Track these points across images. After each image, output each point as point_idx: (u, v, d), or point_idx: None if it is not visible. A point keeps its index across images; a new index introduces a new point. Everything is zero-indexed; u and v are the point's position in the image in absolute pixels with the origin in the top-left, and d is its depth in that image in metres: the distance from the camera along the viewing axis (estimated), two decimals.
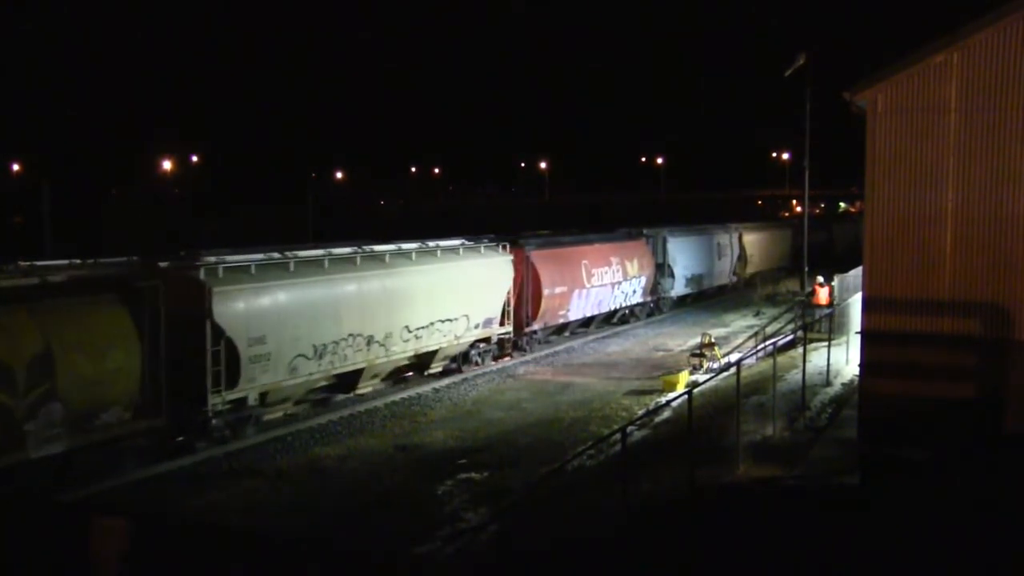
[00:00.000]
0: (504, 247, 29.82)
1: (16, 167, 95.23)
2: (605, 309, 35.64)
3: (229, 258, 20.50)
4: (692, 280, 43.71)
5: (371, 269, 23.87)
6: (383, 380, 25.39)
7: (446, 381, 26.61)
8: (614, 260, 35.38)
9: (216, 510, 16.05)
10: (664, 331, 36.99)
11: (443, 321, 26.08)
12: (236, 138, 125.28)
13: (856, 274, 27.93)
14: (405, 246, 26.11)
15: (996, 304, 13.15)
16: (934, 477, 13.00)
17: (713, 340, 28.98)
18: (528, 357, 30.31)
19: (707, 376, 24.96)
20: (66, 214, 63.94)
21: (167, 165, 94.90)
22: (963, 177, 13.21)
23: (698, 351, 28.22)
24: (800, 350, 22.20)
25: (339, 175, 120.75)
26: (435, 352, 26.15)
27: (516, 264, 29.56)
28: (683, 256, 42.49)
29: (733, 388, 17.24)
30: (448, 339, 26.53)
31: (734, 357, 26.97)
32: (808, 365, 20.58)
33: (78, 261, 18.81)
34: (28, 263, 18.57)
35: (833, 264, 44.08)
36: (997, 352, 13.14)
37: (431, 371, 26.44)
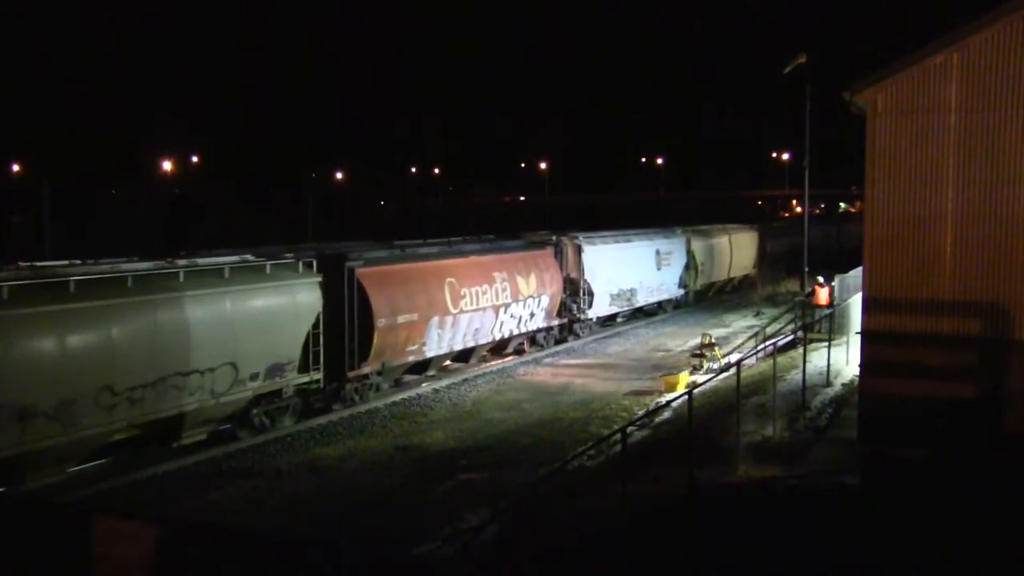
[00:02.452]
0: (309, 265, 22.22)
1: (16, 167, 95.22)
2: (485, 339, 28.28)
3: None
4: (620, 297, 36.78)
5: (44, 304, 16.29)
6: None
7: (446, 381, 26.61)
8: (499, 276, 28.33)
9: (216, 510, 16.05)
10: (664, 331, 36.99)
11: (185, 374, 18.44)
12: (236, 138, 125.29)
13: (856, 274, 27.94)
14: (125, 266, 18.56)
15: (996, 304, 13.15)
16: (934, 477, 13.00)
17: (713, 340, 28.99)
18: (346, 412, 22.88)
19: (707, 376, 24.94)
20: (66, 214, 63.97)
21: (167, 165, 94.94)
22: (963, 177, 13.21)
23: (698, 351, 28.22)
24: (800, 350, 22.21)
25: (339, 175, 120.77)
26: (177, 418, 18.55)
27: (338, 288, 22.56)
28: (606, 268, 35.21)
29: (733, 388, 17.24)
30: (199, 398, 18.83)
31: (734, 357, 26.96)
32: (808, 365, 20.58)
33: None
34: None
35: (834, 262, 44.03)
36: (997, 352, 13.14)
37: (183, 443, 19.02)
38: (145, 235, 61.54)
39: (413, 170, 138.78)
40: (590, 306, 34.30)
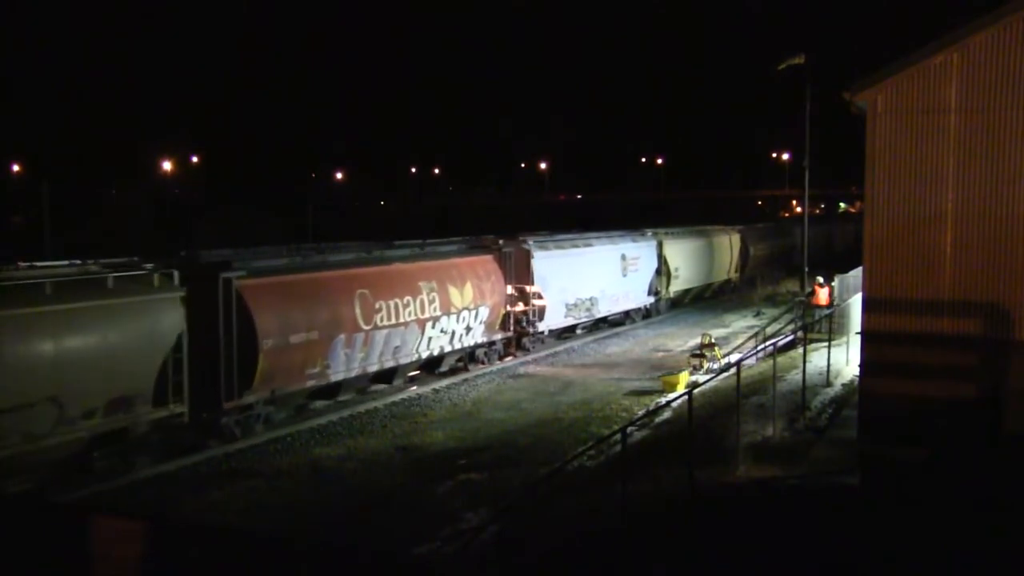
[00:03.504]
0: (169, 277, 18.78)
1: (16, 167, 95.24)
2: (409, 357, 24.92)
3: None
4: (577, 307, 33.46)
5: None
6: None
7: (446, 382, 26.62)
8: (425, 286, 25.25)
9: (216, 510, 16.05)
10: (664, 331, 36.99)
11: None
12: (236, 138, 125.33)
13: (856, 274, 27.95)
14: None
15: (996, 304, 13.15)
16: (934, 477, 13.00)
17: (713, 340, 28.99)
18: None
19: (707, 376, 24.95)
20: (66, 214, 63.99)
21: (167, 165, 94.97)
22: (963, 177, 13.21)
23: (698, 351, 28.22)
24: (800, 350, 22.21)
25: (339, 175, 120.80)
26: None
27: (212, 303, 19.27)
28: (561, 276, 31.75)
29: (733, 388, 17.24)
30: (8, 443, 15.72)
31: (734, 357, 26.97)
32: (808, 365, 20.58)
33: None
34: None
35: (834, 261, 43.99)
36: (997, 352, 13.14)
37: None
38: (144, 235, 61.54)
39: (413, 170, 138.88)
40: (541, 318, 30.84)
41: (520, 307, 29.98)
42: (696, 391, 16.35)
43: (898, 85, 13.47)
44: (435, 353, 26.12)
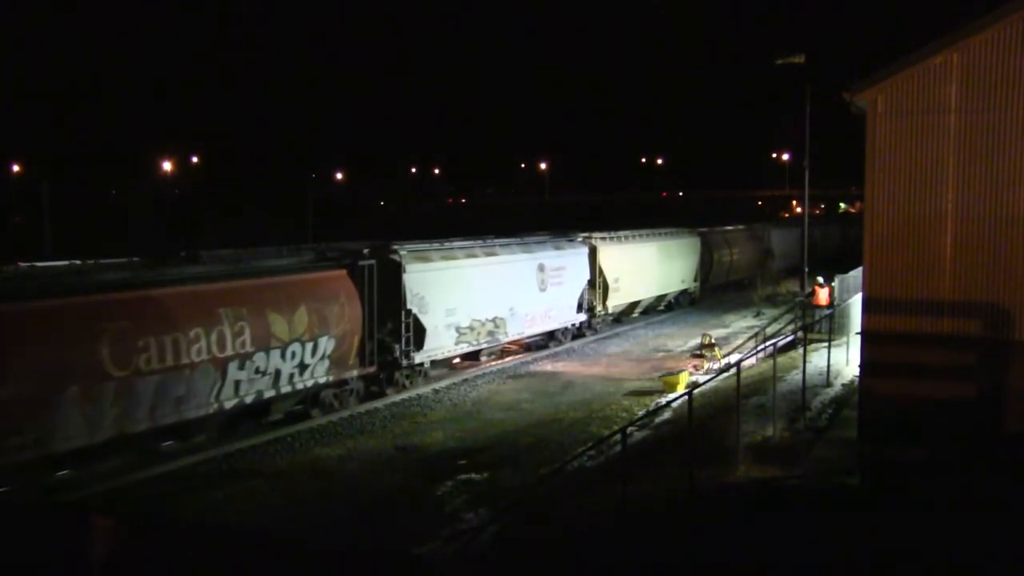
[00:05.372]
0: None
1: (16, 167, 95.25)
2: (199, 410, 18.70)
3: None
4: (473, 331, 27.41)
5: None
6: None
7: (446, 382, 26.61)
8: (230, 313, 19.21)
9: (216, 510, 16.05)
10: (664, 332, 36.97)
11: None
12: (236, 138, 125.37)
13: (856, 274, 27.95)
14: None
15: (996, 304, 13.15)
16: (934, 477, 13.00)
17: (713, 341, 29.01)
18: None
19: (707, 377, 24.96)
20: (66, 214, 64.01)
21: (167, 166, 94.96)
22: (963, 177, 13.21)
23: (698, 352, 28.22)
24: (800, 351, 22.20)
25: (339, 175, 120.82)
26: None
27: None
28: (446, 292, 26.10)
29: (733, 389, 17.23)
30: None
31: (734, 358, 26.96)
32: (808, 366, 20.57)
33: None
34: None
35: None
36: (997, 352, 13.14)
37: None
38: (144, 236, 61.56)
39: (413, 170, 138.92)
40: (420, 346, 25.21)
41: (389, 333, 24.29)
42: (696, 391, 16.33)
43: (898, 85, 13.47)
44: (248, 400, 19.96)
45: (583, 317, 34.09)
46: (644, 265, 38.39)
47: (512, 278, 29.42)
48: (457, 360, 28.31)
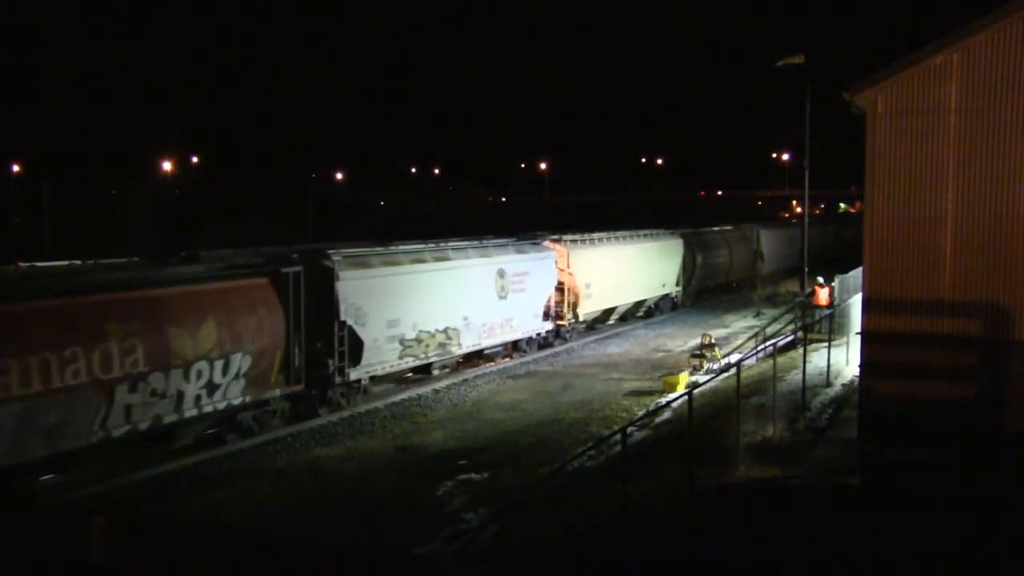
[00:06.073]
0: None
1: (16, 167, 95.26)
2: (81, 439, 16.55)
3: None
4: (421, 343, 25.28)
5: None
6: None
7: (446, 382, 26.60)
8: (119, 329, 17.12)
9: (216, 510, 16.05)
10: (664, 332, 36.98)
11: None
12: (236, 138, 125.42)
13: (856, 275, 27.95)
14: None
15: (996, 304, 13.15)
16: (934, 477, 13.00)
17: (713, 341, 28.99)
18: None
19: (707, 377, 24.96)
20: (66, 214, 64.04)
21: (167, 166, 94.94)
22: (963, 177, 13.20)
23: (698, 352, 28.22)
24: (800, 351, 22.21)
25: (339, 175, 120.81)
26: None
27: None
28: (387, 301, 24.03)
29: (733, 389, 17.23)
30: None
31: (734, 358, 26.97)
32: (808, 366, 20.57)
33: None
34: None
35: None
36: (997, 352, 13.13)
37: None
38: (144, 236, 61.56)
39: (413, 170, 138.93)
40: (356, 361, 23.09)
41: (322, 348, 22.15)
42: (696, 391, 16.35)
43: (898, 85, 13.46)
44: (143, 427, 17.72)
45: (549, 326, 31.93)
46: (620, 269, 36.34)
47: (467, 285, 27.28)
48: (410, 375, 26.38)
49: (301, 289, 21.19)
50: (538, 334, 31.53)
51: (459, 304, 26.83)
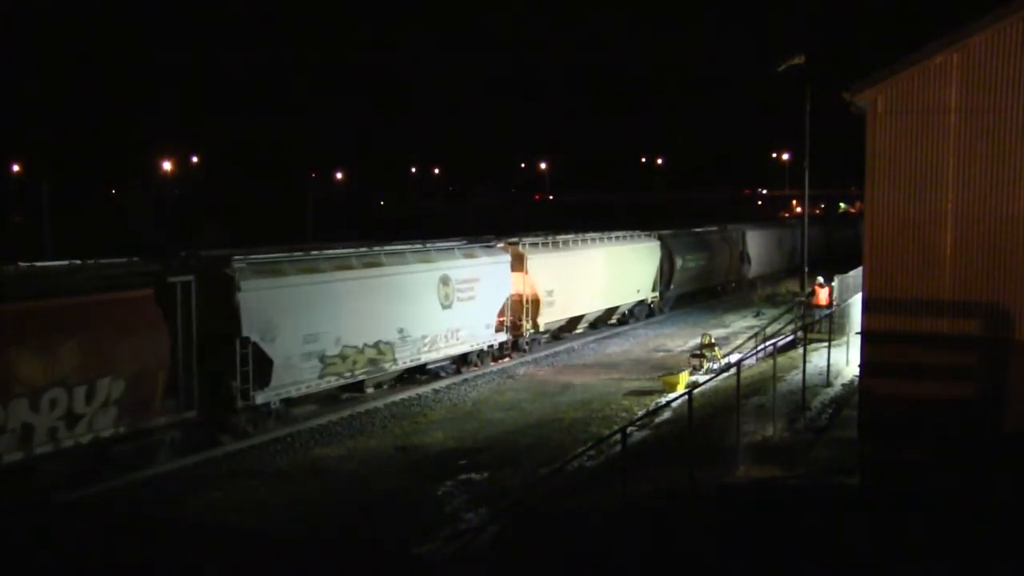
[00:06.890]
0: None
1: (16, 167, 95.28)
2: None
3: None
4: (347, 360, 22.69)
5: None
6: None
7: (446, 382, 26.60)
8: None
9: (216, 510, 16.05)
10: (664, 332, 36.98)
11: None
12: (236, 138, 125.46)
13: (856, 275, 27.95)
14: None
15: (996, 304, 13.14)
16: (934, 477, 13.00)
17: (713, 341, 28.99)
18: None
19: (707, 377, 24.96)
20: (66, 214, 64.04)
21: (167, 166, 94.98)
22: (963, 178, 13.20)
23: (698, 351, 28.22)
24: (800, 351, 22.20)
25: (339, 175, 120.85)
26: None
27: None
28: (303, 313, 21.33)
29: (733, 389, 17.24)
30: None
31: (734, 358, 26.97)
32: (808, 366, 20.57)
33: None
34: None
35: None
36: (997, 352, 13.13)
37: None
38: (145, 236, 61.56)
39: (413, 170, 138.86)
40: (264, 382, 20.34)
41: (225, 367, 19.50)
42: (696, 391, 16.36)
43: (898, 85, 13.46)
44: None
45: (503, 337, 29.28)
46: (587, 274, 33.67)
47: (403, 294, 24.60)
48: (345, 394, 23.98)
49: (192, 301, 18.57)
50: (490, 346, 28.85)
51: (393, 315, 24.24)
